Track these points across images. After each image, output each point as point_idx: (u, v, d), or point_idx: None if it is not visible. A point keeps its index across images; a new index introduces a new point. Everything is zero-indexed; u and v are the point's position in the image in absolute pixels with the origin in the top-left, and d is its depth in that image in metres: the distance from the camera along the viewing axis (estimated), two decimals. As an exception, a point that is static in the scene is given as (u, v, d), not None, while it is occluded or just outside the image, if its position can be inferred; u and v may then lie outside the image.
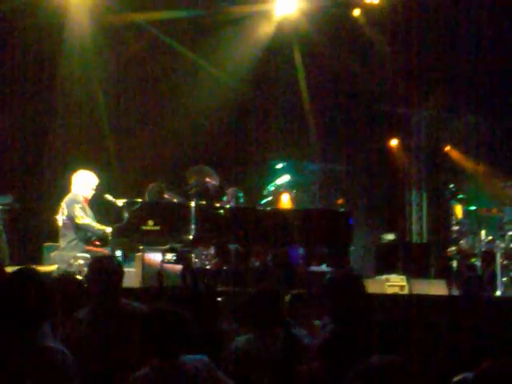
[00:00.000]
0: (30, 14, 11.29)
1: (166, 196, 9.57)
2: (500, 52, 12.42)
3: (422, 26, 12.74)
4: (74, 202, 8.72)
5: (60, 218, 8.78)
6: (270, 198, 10.40)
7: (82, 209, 8.71)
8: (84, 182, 8.87)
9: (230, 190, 10.27)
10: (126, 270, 8.17)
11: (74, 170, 9.08)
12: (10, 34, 11.53)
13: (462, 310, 7.36)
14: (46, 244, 9.35)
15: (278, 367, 4.61)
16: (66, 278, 5.43)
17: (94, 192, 8.92)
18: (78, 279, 5.55)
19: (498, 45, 12.34)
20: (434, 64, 13.34)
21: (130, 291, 6.40)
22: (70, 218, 8.66)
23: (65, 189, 9.05)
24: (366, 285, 4.55)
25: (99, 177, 9.00)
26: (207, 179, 9.63)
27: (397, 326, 5.00)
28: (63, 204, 8.77)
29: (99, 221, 8.85)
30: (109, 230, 8.67)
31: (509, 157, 12.89)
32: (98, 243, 8.89)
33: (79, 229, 8.69)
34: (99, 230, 8.69)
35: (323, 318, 4.80)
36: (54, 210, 9.03)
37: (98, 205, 9.14)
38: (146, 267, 8.45)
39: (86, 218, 8.67)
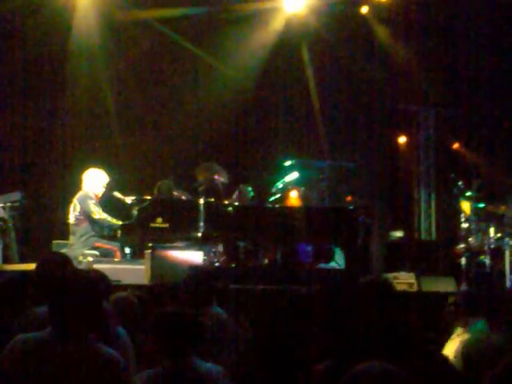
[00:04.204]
0: (37, 12, 11.31)
1: (174, 193, 9.59)
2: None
3: (431, 22, 12.71)
4: (88, 198, 8.78)
5: (71, 215, 8.81)
6: (278, 196, 10.39)
7: (96, 205, 8.76)
8: (95, 180, 8.91)
9: (240, 188, 10.27)
10: (134, 267, 8.31)
11: (83, 167, 9.11)
12: (19, 32, 11.55)
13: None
14: (54, 241, 9.36)
15: None
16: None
17: (104, 190, 8.95)
18: None
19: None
20: (443, 61, 13.32)
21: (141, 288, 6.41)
22: (86, 213, 8.71)
23: (74, 186, 9.09)
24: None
25: (108, 174, 9.03)
26: (216, 176, 9.64)
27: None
28: (75, 200, 8.81)
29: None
30: (121, 224, 8.78)
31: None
32: (105, 241, 8.92)
33: (95, 224, 8.74)
34: (116, 224, 8.74)
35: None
36: (63, 207, 9.06)
37: (106, 202, 9.16)
38: (155, 264, 8.42)
39: (102, 213, 8.73)
